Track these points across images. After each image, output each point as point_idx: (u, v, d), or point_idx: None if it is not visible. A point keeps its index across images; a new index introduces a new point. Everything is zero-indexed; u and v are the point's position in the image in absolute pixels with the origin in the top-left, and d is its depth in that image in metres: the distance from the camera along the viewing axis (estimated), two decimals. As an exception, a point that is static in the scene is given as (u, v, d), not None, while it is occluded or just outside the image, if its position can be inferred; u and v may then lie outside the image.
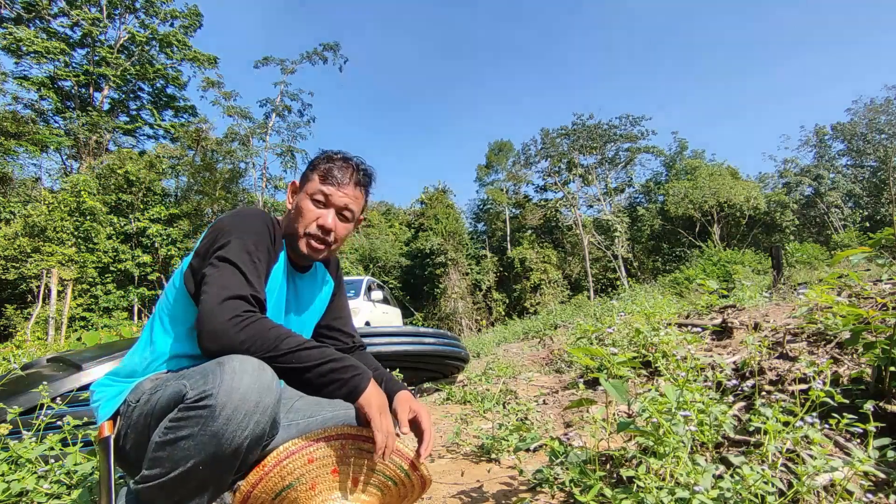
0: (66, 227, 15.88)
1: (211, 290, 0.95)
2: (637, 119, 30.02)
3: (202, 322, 0.93)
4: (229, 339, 0.91)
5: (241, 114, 23.81)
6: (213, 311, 0.92)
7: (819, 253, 17.11)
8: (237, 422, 0.85)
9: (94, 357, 2.28)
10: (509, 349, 7.34)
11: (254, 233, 1.08)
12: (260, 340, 0.92)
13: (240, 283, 0.98)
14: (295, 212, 1.19)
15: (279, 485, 0.98)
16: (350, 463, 1.04)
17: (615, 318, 3.73)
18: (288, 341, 0.94)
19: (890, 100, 28.53)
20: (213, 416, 0.84)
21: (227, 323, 0.91)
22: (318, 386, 0.96)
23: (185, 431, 0.85)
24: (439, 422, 2.84)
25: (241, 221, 1.09)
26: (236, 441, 0.86)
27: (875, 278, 3.98)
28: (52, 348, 9.90)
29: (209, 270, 0.99)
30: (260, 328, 0.93)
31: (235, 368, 0.87)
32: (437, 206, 30.00)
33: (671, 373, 1.90)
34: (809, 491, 1.15)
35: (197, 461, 0.85)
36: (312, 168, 1.22)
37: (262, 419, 0.88)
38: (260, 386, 0.87)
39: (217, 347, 0.91)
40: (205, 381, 0.87)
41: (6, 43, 18.06)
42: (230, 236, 1.04)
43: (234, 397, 0.84)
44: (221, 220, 1.11)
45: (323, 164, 1.20)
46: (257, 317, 0.95)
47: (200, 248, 1.08)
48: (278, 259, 1.17)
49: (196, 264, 1.06)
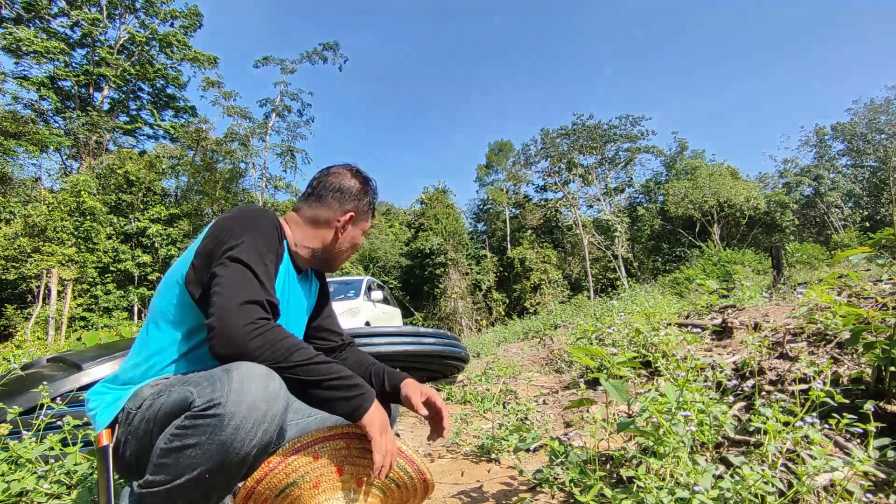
0: (66, 227, 15.88)
1: (225, 291, 0.93)
2: (637, 119, 30.05)
3: (216, 324, 0.90)
4: (243, 345, 0.89)
5: (240, 114, 23.81)
6: (229, 314, 0.90)
7: (819, 253, 17.11)
8: (245, 431, 0.84)
9: (94, 357, 2.28)
10: (509, 349, 7.34)
11: (264, 234, 1.06)
12: (272, 349, 0.91)
13: (254, 287, 0.96)
14: (348, 243, 1.29)
15: (283, 481, 0.97)
16: (355, 463, 1.04)
17: (615, 318, 3.73)
18: (299, 353, 0.93)
19: (890, 100, 28.52)
20: (222, 426, 0.83)
21: (242, 328, 0.90)
22: (321, 400, 0.96)
23: (191, 440, 0.84)
24: (439, 422, 2.84)
25: (249, 221, 1.07)
26: (244, 450, 0.85)
27: (875, 278, 3.98)
28: (52, 348, 9.90)
29: (220, 271, 0.96)
30: (273, 337, 0.92)
31: (244, 376, 0.86)
32: (437, 206, 30.03)
33: (671, 373, 1.90)
34: (809, 491, 1.15)
35: (203, 469, 0.84)
36: (369, 207, 1.31)
37: (271, 428, 0.87)
38: (268, 395, 0.86)
39: (229, 352, 0.90)
40: (212, 389, 0.86)
41: (6, 43, 18.06)
42: (241, 236, 1.02)
43: (243, 407, 0.84)
44: (227, 218, 1.08)
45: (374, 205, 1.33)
46: (271, 325, 0.94)
47: (203, 248, 1.04)
48: (282, 260, 1.16)
49: (199, 264, 1.03)
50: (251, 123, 24.34)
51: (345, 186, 1.25)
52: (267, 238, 1.06)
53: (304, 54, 25.78)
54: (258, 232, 1.05)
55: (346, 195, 1.25)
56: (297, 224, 1.24)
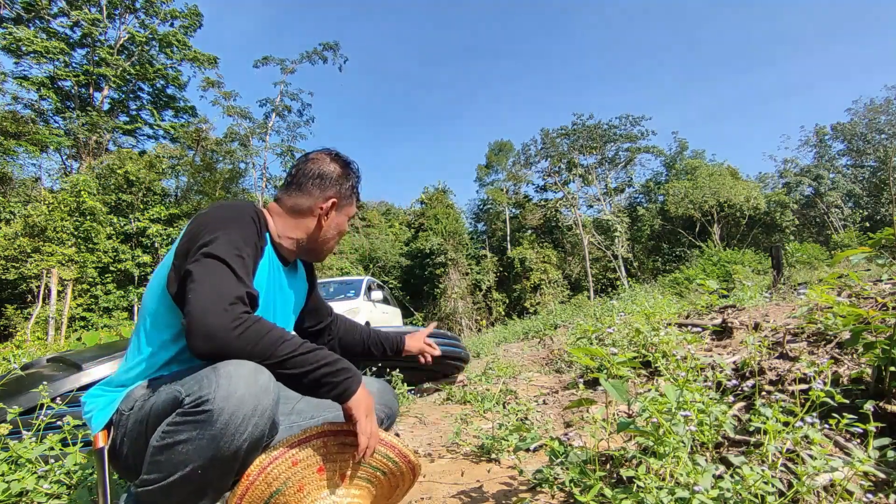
0: (66, 227, 15.88)
1: (201, 288, 0.90)
2: (637, 119, 30.05)
3: (194, 323, 0.87)
4: (226, 341, 0.88)
5: (240, 114, 23.81)
6: (207, 311, 0.88)
7: (819, 253, 17.11)
8: (235, 425, 0.85)
9: (94, 357, 2.28)
10: (509, 349, 7.34)
11: (240, 227, 1.03)
12: (256, 345, 0.90)
13: (232, 282, 0.94)
14: (333, 230, 1.26)
15: (266, 492, 0.98)
16: (335, 459, 1.04)
17: (615, 318, 3.73)
18: (283, 346, 0.92)
19: (890, 100, 28.54)
20: (211, 421, 0.84)
21: (223, 325, 0.87)
22: (310, 388, 0.97)
23: (183, 436, 0.85)
24: (439, 422, 2.84)
25: (225, 216, 1.04)
26: (235, 444, 0.86)
27: (875, 278, 3.98)
28: (52, 348, 9.91)
29: (195, 268, 0.93)
30: (257, 332, 0.90)
31: (231, 373, 0.86)
32: (437, 206, 30.02)
33: (671, 373, 1.90)
34: (809, 491, 1.15)
35: (196, 465, 0.85)
36: (352, 191, 1.27)
37: (261, 422, 0.88)
38: (256, 389, 0.87)
39: (211, 349, 0.88)
40: (200, 387, 0.86)
41: (6, 43, 18.05)
42: (215, 232, 0.99)
43: (231, 402, 0.84)
44: (204, 215, 1.05)
45: (357, 188, 1.29)
46: (254, 319, 0.92)
47: (181, 248, 1.01)
48: (264, 253, 1.13)
49: (178, 264, 1.00)
50: (251, 123, 24.37)
51: (325, 172, 1.21)
52: (245, 231, 1.04)
53: (304, 54, 25.82)
54: (234, 226, 1.03)
55: (327, 181, 1.21)
56: (279, 215, 1.21)
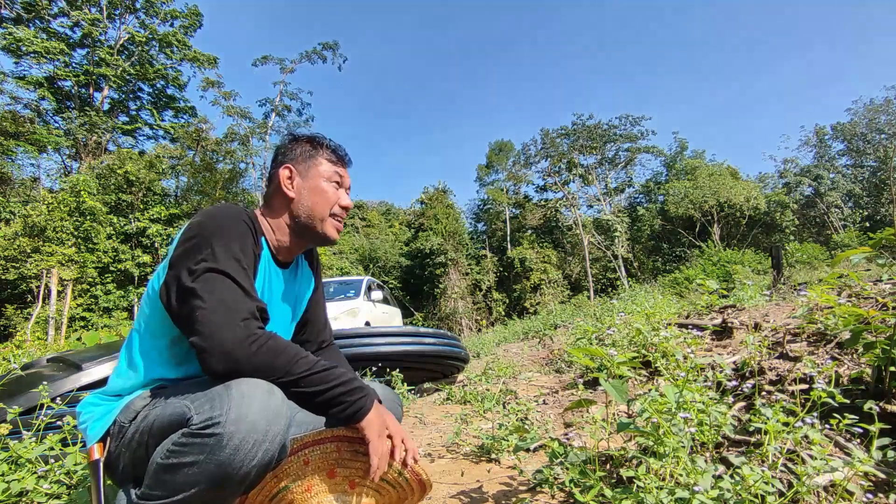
0: (66, 227, 15.87)
1: (209, 305, 0.88)
2: (637, 119, 30.04)
3: (208, 342, 0.86)
4: (242, 360, 0.86)
5: (240, 114, 23.81)
6: (222, 329, 0.86)
7: (819, 253, 17.12)
8: (245, 451, 0.81)
9: (94, 357, 2.28)
10: (509, 349, 7.34)
11: (237, 235, 1.00)
12: (272, 365, 0.88)
13: (240, 297, 0.92)
14: (311, 196, 1.15)
15: (275, 487, 0.97)
16: (347, 465, 1.03)
17: (615, 318, 3.73)
18: (299, 364, 0.91)
19: (890, 100, 28.50)
20: (221, 446, 0.80)
21: (240, 344, 0.86)
22: (322, 407, 0.94)
23: (189, 458, 0.81)
24: (439, 422, 2.84)
25: (219, 224, 1.00)
26: (244, 470, 0.82)
27: (875, 278, 3.99)
28: (52, 348, 9.92)
29: (199, 285, 0.90)
30: (272, 349, 0.89)
31: (244, 393, 0.83)
32: (437, 206, 30.00)
33: (671, 373, 1.90)
34: (809, 491, 1.15)
35: (202, 488, 0.82)
36: (314, 152, 1.18)
37: (272, 447, 0.84)
38: (269, 413, 0.83)
39: (226, 369, 0.86)
40: (211, 407, 0.83)
41: (6, 43, 18.06)
42: (213, 243, 0.95)
43: (243, 426, 0.80)
44: (197, 223, 1.00)
45: (324, 146, 1.20)
46: (268, 335, 0.91)
47: (175, 258, 0.96)
48: (261, 260, 1.11)
49: (173, 275, 0.95)
50: (251, 123, 24.36)
51: (278, 152, 1.21)
52: (241, 240, 1.00)
53: (304, 54, 25.85)
54: (231, 235, 0.99)
55: (279, 156, 1.20)
56: (266, 213, 1.19)
